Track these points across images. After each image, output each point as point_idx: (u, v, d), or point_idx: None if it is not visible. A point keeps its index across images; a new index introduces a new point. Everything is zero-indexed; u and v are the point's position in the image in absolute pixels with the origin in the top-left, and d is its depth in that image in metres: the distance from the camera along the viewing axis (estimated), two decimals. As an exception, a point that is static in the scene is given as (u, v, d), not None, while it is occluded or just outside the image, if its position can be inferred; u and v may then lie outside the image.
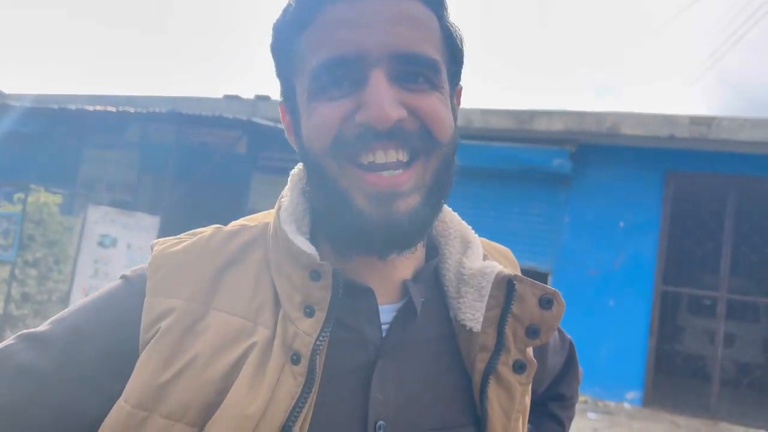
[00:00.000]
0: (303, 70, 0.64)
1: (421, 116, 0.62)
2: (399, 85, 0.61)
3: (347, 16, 0.61)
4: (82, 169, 10.65)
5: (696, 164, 7.18)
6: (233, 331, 0.62)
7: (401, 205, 0.61)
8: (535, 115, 7.61)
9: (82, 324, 0.63)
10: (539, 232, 7.69)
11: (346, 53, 0.60)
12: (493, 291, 0.69)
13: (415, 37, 0.62)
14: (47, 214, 4.86)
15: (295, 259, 0.65)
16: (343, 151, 0.61)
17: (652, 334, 7.10)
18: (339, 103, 0.61)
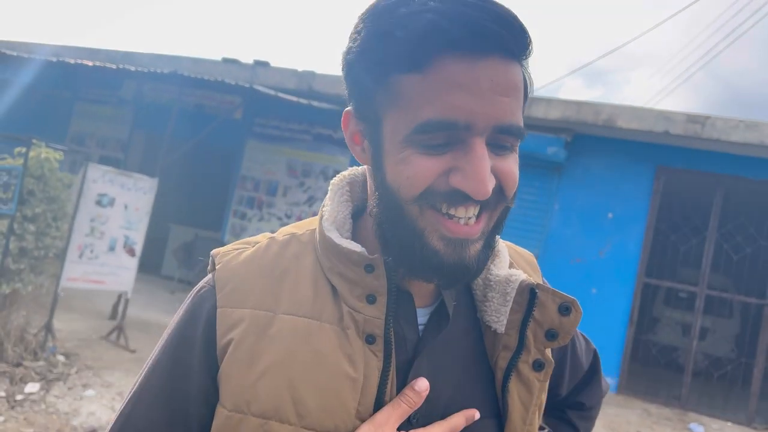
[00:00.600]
0: (403, 113, 0.66)
1: (500, 178, 0.67)
2: (491, 150, 0.66)
3: (464, 79, 0.63)
4: (73, 122, 10.53)
5: (687, 161, 7.31)
6: (303, 330, 0.70)
7: (471, 250, 0.68)
8: (533, 101, 7.66)
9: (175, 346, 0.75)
10: (528, 217, 7.81)
11: (458, 119, 0.63)
12: (517, 297, 0.75)
13: (514, 108, 0.66)
14: (48, 170, 4.83)
15: (347, 258, 0.72)
16: (428, 201, 0.66)
17: (631, 323, 7.29)
18: (436, 160, 0.65)
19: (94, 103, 10.38)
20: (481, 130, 0.64)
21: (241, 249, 0.79)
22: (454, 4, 0.63)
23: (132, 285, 5.88)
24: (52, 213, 4.92)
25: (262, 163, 9.16)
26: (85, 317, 6.48)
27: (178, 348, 0.74)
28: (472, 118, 0.64)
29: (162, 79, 7.56)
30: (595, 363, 1.06)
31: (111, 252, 5.49)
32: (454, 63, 0.64)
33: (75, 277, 5.24)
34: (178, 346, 0.75)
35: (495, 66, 0.64)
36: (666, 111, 7.09)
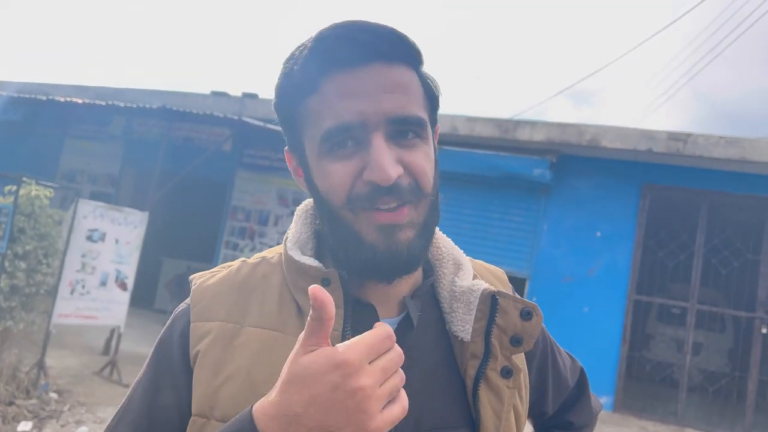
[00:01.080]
0: (312, 131, 0.76)
1: (412, 172, 0.74)
2: (394, 142, 0.74)
3: (349, 86, 0.72)
4: (64, 159, 10.57)
5: (671, 178, 7.43)
6: (268, 339, 0.76)
7: (401, 236, 0.73)
8: (518, 124, 7.80)
9: (156, 361, 0.81)
10: (518, 239, 7.88)
11: (351, 121, 0.72)
12: (480, 305, 0.80)
13: (404, 101, 0.74)
14: (38, 207, 4.85)
15: (305, 274, 0.78)
16: (358, 204, 0.73)
17: (624, 341, 7.33)
18: (348, 163, 0.73)
19: (85, 139, 10.44)
20: (375, 125, 0.72)
21: (216, 272, 0.86)
22: (337, 29, 0.72)
23: (124, 319, 5.87)
24: (43, 250, 4.94)
25: (253, 193, 9.22)
26: (78, 353, 6.45)
27: (159, 363, 0.80)
28: (364, 117, 0.72)
29: (151, 114, 7.65)
30: (583, 381, 1.08)
31: (103, 287, 5.49)
32: (340, 76, 0.73)
33: (67, 314, 5.24)
34: (158, 361, 0.80)
35: (376, 70, 0.73)
36: (648, 130, 7.23)
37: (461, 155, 7.77)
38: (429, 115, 0.80)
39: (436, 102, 0.82)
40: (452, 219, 7.97)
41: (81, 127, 10.36)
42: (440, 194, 0.83)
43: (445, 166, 6.40)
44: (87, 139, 10.40)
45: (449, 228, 7.59)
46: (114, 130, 9.86)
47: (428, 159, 0.77)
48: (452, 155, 7.71)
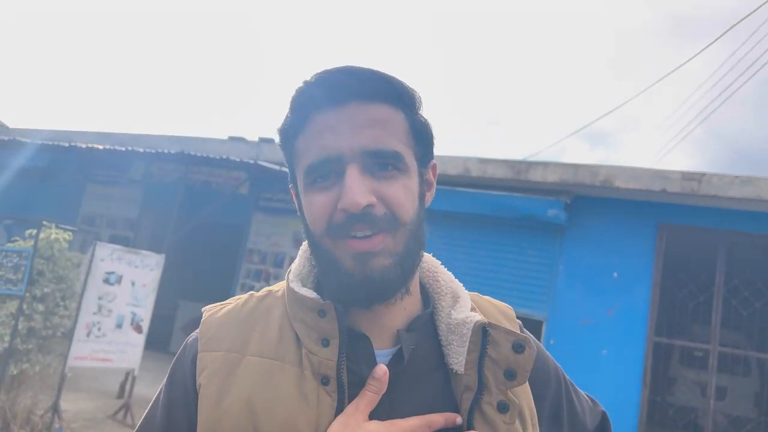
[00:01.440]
0: (300, 165, 0.82)
1: (387, 202, 0.78)
2: (371, 174, 0.78)
3: (327, 124, 0.79)
4: (84, 204, 10.77)
5: (687, 218, 7.37)
6: (267, 369, 0.79)
7: (376, 263, 0.76)
8: (531, 165, 7.83)
9: (168, 392, 0.86)
10: (534, 280, 7.81)
11: (329, 155, 0.78)
12: (473, 337, 0.81)
13: (380, 136, 0.78)
14: (57, 250, 4.95)
15: (304, 305, 0.82)
16: (335, 232, 0.78)
17: (645, 385, 7.16)
18: (327, 194, 0.79)
19: (105, 184, 10.66)
20: (350, 158, 0.78)
21: (226, 304, 0.92)
22: (320, 74, 0.80)
23: (139, 362, 5.88)
24: (61, 292, 5.01)
25: (269, 235, 9.29)
26: (92, 397, 6.45)
27: (173, 385, 0.86)
28: (340, 151, 0.78)
29: (169, 159, 7.80)
30: (605, 426, 1.05)
31: (118, 329, 5.53)
32: (320, 115, 0.80)
33: (82, 356, 5.26)
34: (173, 383, 0.86)
35: (354, 108, 0.79)
36: (662, 170, 7.22)
37: (474, 196, 7.80)
38: (416, 152, 0.84)
39: (428, 139, 0.87)
40: (468, 260, 7.95)
41: (101, 172, 10.59)
42: (426, 226, 0.86)
43: (458, 207, 6.40)
44: (107, 184, 10.62)
45: (465, 269, 7.55)
46: (133, 175, 10.06)
47: (406, 190, 0.81)
48: (465, 196, 7.74)
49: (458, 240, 8.07)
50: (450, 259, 8.13)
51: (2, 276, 4.85)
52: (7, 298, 4.84)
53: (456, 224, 8.09)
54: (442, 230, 8.10)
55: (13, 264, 4.77)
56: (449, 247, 8.06)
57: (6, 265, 4.83)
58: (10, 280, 4.76)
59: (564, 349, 7.55)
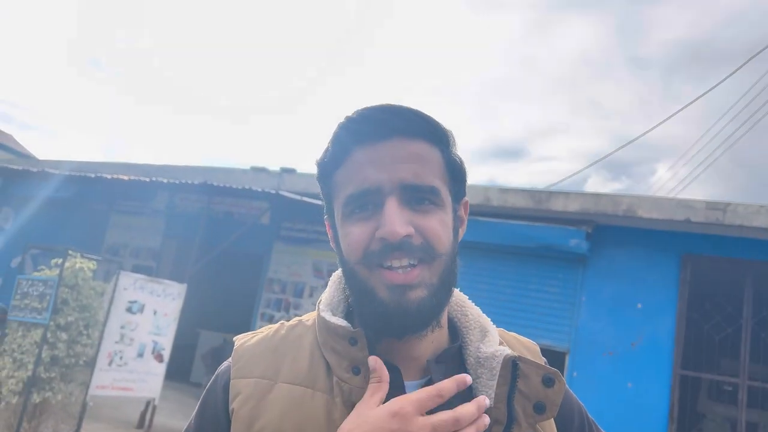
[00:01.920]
0: (339, 197, 0.85)
1: (424, 233, 0.80)
2: (409, 207, 0.81)
3: (368, 158, 0.82)
4: (109, 234, 10.94)
5: (712, 248, 7.25)
6: (298, 396, 0.81)
7: (411, 295, 0.78)
8: (552, 195, 7.80)
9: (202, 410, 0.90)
10: (556, 311, 7.71)
11: (370, 186, 0.81)
12: (502, 371, 0.82)
13: (419, 171, 0.82)
14: (81, 279, 5.02)
15: (335, 333, 0.83)
16: (372, 261, 0.80)
17: (671, 419, 6.98)
18: (365, 224, 0.81)
19: (129, 214, 10.83)
20: (389, 190, 0.81)
21: (257, 333, 0.95)
22: (363, 111, 0.83)
23: (159, 391, 5.89)
24: (84, 321, 5.07)
25: (289, 265, 9.33)
26: (113, 426, 6.45)
27: (205, 412, 0.89)
28: (380, 183, 0.81)
29: (192, 190, 7.92)
30: None
31: (140, 358, 5.56)
32: (362, 150, 0.83)
33: (104, 385, 5.29)
34: (204, 410, 0.89)
35: (394, 145, 0.83)
36: (685, 199, 7.15)
37: (495, 226, 7.77)
38: (451, 188, 0.88)
39: (462, 176, 0.91)
40: (489, 290, 7.88)
41: (126, 202, 10.78)
42: (459, 261, 0.89)
43: (479, 237, 6.35)
44: (131, 214, 10.79)
45: (486, 299, 7.47)
46: (157, 205, 10.22)
47: (442, 224, 0.84)
48: (486, 226, 7.71)
49: (479, 270, 8.02)
50: (471, 289, 8.05)
51: (28, 304, 4.92)
52: (32, 327, 4.90)
53: (477, 254, 8.05)
54: (462, 260, 7.99)
55: (39, 293, 4.85)
56: (470, 278, 8.01)
57: (32, 294, 4.91)
58: (35, 309, 4.84)
59: (588, 381, 7.41)
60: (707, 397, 9.31)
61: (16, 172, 9.80)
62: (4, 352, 5.06)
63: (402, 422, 0.71)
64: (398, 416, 0.72)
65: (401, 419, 0.71)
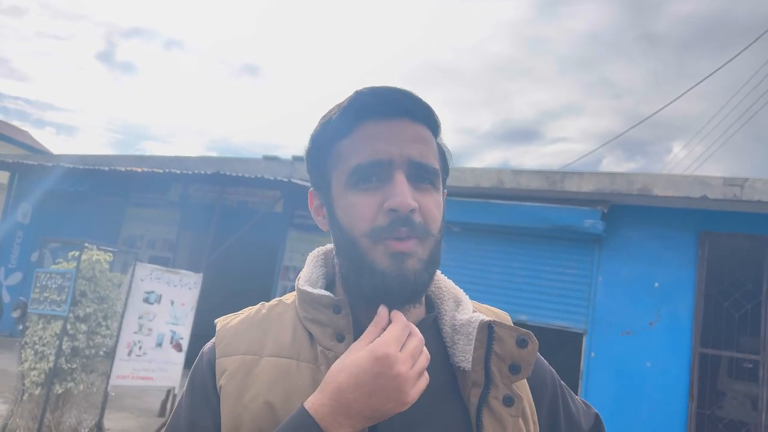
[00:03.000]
0: (341, 167, 0.86)
1: (423, 212, 0.83)
2: (412, 184, 0.84)
3: (379, 132, 0.84)
4: (125, 226, 11.04)
5: (730, 225, 7.16)
6: (284, 367, 0.84)
7: (410, 264, 0.81)
8: (566, 175, 7.73)
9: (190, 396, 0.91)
10: (573, 291, 7.68)
11: (381, 158, 0.83)
12: (478, 335, 0.86)
13: (425, 152, 0.85)
14: (99, 271, 5.07)
15: (319, 303, 0.87)
16: (378, 234, 0.81)
17: (691, 398, 6.94)
18: (372, 196, 0.83)
19: (144, 206, 10.91)
20: (399, 164, 0.83)
21: (237, 315, 0.98)
22: (373, 89, 0.84)
23: (179, 380, 5.96)
24: (103, 312, 5.12)
25: (303, 252, 9.34)
26: (135, 415, 6.55)
27: (194, 390, 0.90)
28: (391, 156, 0.83)
29: (206, 180, 7.95)
30: (599, 426, 1.06)
31: (158, 348, 5.62)
32: (373, 124, 0.85)
33: (124, 375, 5.36)
34: (194, 388, 0.91)
35: (404, 124, 0.85)
36: (702, 176, 7.05)
37: (509, 208, 7.73)
38: (442, 175, 0.91)
39: (447, 169, 0.94)
40: (504, 273, 7.86)
41: (140, 195, 10.86)
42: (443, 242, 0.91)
43: (492, 219, 6.35)
44: (146, 206, 10.87)
45: (501, 282, 7.44)
46: (171, 197, 10.28)
47: (437, 205, 0.87)
48: (499, 208, 7.68)
49: (494, 253, 7.99)
50: (486, 272, 8.09)
51: (47, 297, 4.98)
52: (52, 319, 4.97)
53: (491, 237, 8.01)
54: (477, 243, 8.04)
55: (57, 285, 4.91)
56: (485, 260, 7.99)
57: (51, 287, 4.97)
58: (54, 302, 4.90)
59: (606, 361, 7.38)
60: (727, 375, 9.24)
61: (32, 167, 9.90)
62: (25, 344, 5.14)
63: (386, 366, 0.74)
64: (382, 360, 0.74)
65: (386, 363, 0.74)
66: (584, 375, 7.35)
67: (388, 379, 0.73)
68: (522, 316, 7.55)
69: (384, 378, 0.73)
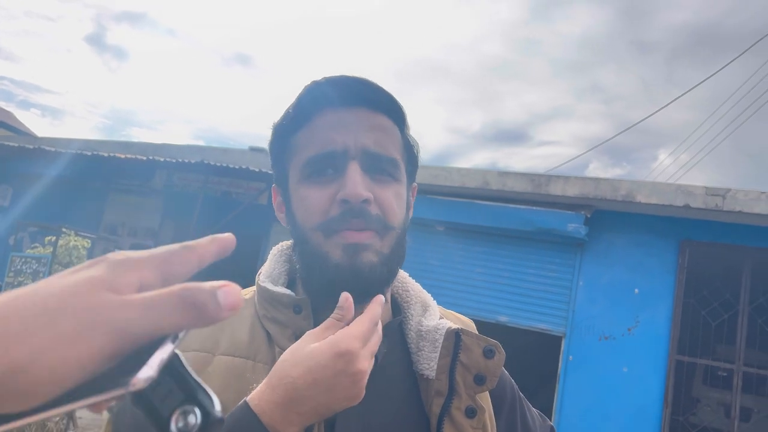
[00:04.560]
0: (297, 159, 0.84)
1: (380, 204, 0.81)
2: (369, 175, 0.81)
3: (334, 121, 0.81)
4: (107, 212, 10.92)
5: (711, 234, 7.23)
6: (238, 367, 0.80)
7: (364, 257, 0.78)
8: (551, 179, 7.75)
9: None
10: (553, 295, 7.71)
11: (334, 149, 0.80)
12: (445, 342, 0.83)
13: (382, 141, 0.82)
14: (76, 257, 5.01)
15: (278, 302, 0.83)
16: (330, 227, 0.79)
17: (666, 404, 7.01)
18: (325, 188, 0.80)
19: (127, 193, 10.80)
20: (353, 155, 0.80)
21: None
22: (330, 78, 0.81)
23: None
24: (78, 299, 5.06)
25: (287, 246, 9.32)
26: (109, 404, 6.49)
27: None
28: (345, 147, 0.80)
29: (190, 169, 7.88)
30: None
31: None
32: (327, 113, 0.82)
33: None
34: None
35: (361, 113, 0.82)
36: (685, 185, 7.10)
37: (493, 209, 7.74)
38: (406, 166, 0.87)
39: (416, 160, 0.91)
40: (486, 274, 7.87)
41: (124, 181, 10.73)
42: (408, 238, 0.88)
43: (476, 220, 6.35)
44: (129, 193, 10.76)
45: (483, 282, 7.45)
46: (155, 185, 10.18)
47: (398, 197, 0.84)
48: (484, 210, 7.69)
49: (477, 254, 8.00)
50: (468, 273, 8.10)
51: (21, 282, 4.91)
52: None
53: (474, 238, 8.02)
54: (461, 243, 8.04)
55: (32, 270, 4.84)
56: (468, 261, 7.99)
57: (25, 272, 4.90)
58: (29, 287, 4.83)
59: (583, 365, 7.43)
60: (702, 383, 9.35)
61: (13, 149, 9.75)
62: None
63: (348, 362, 0.67)
64: (345, 356, 0.68)
65: (348, 359, 0.68)
66: (561, 378, 7.38)
67: (348, 376, 0.68)
68: (502, 317, 7.58)
69: (344, 375, 0.68)
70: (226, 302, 0.41)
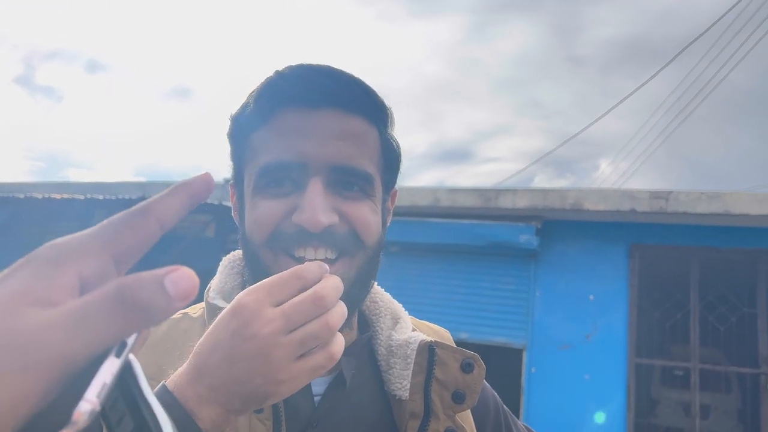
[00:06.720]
0: (253, 164, 0.72)
1: (351, 221, 0.70)
2: (335, 191, 0.69)
3: (296, 125, 0.69)
4: (45, 257, 10.41)
5: (658, 237, 7.39)
6: None
7: None
8: (500, 192, 7.80)
9: None
10: (511, 307, 7.71)
11: (292, 160, 0.68)
12: (418, 358, 0.73)
13: (353, 153, 0.70)
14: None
15: None
16: (280, 244, 0.68)
17: (629, 408, 7.05)
18: (279, 202, 0.69)
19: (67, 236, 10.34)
20: (315, 169, 0.67)
21: None
22: (298, 69, 0.69)
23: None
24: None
25: (238, 279, 9.07)
26: None
27: None
28: (306, 159, 0.67)
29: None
30: None
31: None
32: (290, 114, 0.69)
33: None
34: None
35: (329, 116, 0.69)
36: (630, 189, 7.26)
37: (445, 226, 7.73)
38: (383, 175, 0.75)
39: (397, 164, 0.78)
40: (442, 291, 7.83)
41: (62, 224, 10.27)
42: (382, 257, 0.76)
43: (430, 238, 6.26)
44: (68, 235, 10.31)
45: (440, 300, 7.38)
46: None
47: (373, 213, 0.72)
48: (436, 227, 7.66)
49: (432, 271, 7.95)
50: (425, 290, 8.03)
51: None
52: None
53: (428, 256, 7.98)
54: (416, 262, 7.98)
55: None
56: (424, 279, 7.93)
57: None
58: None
59: (546, 376, 7.42)
60: (660, 383, 9.49)
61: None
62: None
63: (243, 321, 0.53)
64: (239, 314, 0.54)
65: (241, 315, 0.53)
66: (525, 391, 7.35)
67: (245, 339, 0.52)
68: (463, 334, 7.52)
69: (240, 338, 0.52)
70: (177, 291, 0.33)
